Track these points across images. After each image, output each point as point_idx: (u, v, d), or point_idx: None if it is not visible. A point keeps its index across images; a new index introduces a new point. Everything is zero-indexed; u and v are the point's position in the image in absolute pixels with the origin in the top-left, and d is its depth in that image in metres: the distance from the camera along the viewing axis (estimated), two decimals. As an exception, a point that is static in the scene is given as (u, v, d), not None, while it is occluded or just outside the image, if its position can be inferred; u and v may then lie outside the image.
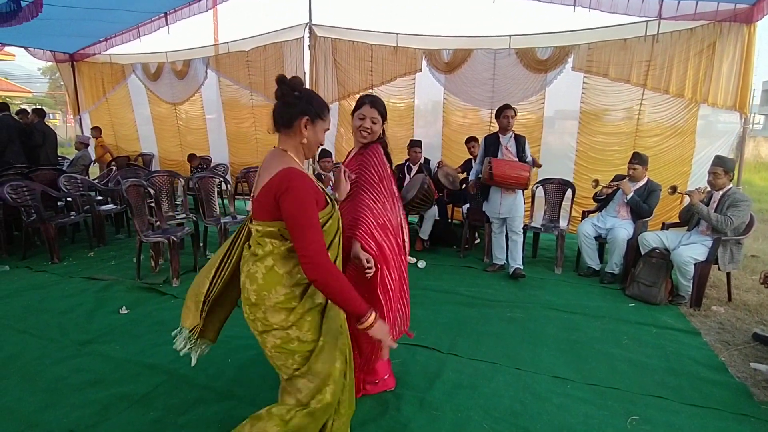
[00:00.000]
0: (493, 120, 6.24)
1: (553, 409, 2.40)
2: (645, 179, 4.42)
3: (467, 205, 5.38)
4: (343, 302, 1.50)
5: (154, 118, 8.67)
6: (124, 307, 3.57)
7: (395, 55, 6.37)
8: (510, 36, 5.81)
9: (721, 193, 3.90)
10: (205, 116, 8.15)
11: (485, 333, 3.28)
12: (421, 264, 4.69)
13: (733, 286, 4.08)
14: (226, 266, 1.74)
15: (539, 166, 4.83)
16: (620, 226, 4.33)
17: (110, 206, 5.77)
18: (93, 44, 8.28)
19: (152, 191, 4.52)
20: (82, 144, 7.79)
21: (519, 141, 4.39)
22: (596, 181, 4.55)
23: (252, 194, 1.58)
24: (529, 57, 5.72)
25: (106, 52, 8.40)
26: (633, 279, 4.05)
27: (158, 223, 4.57)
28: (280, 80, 1.55)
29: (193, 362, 1.84)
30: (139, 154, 8.82)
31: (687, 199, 4.10)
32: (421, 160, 5.62)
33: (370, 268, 2.01)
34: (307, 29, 6.63)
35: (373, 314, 1.53)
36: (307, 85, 6.87)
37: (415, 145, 5.55)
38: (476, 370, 2.78)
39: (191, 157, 7.63)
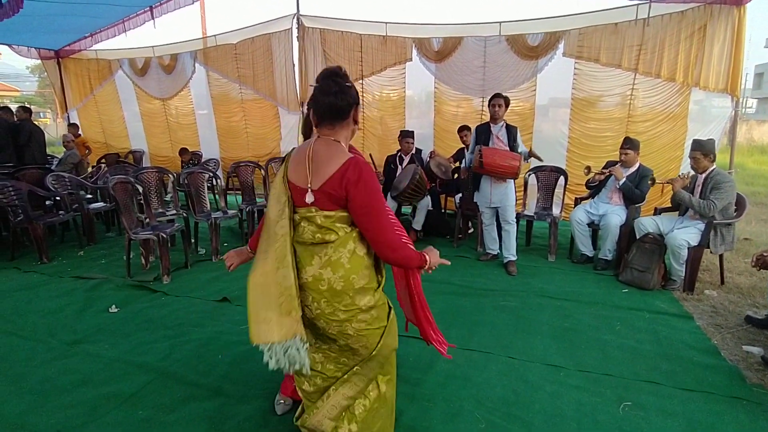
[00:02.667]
0: (485, 108, 6.22)
1: (546, 397, 2.39)
2: (637, 164, 4.39)
3: (460, 195, 5.35)
4: (414, 265, 1.70)
5: (143, 115, 8.56)
6: (113, 306, 3.53)
7: (384, 44, 6.30)
8: (500, 23, 5.74)
9: (704, 175, 3.88)
10: (196, 112, 8.07)
11: (478, 322, 3.27)
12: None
13: (726, 269, 4.08)
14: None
15: (540, 159, 4.53)
16: (613, 212, 4.32)
17: (100, 204, 5.70)
18: (78, 40, 8.16)
19: (140, 188, 4.46)
20: (70, 142, 7.68)
21: (510, 131, 4.35)
22: (588, 168, 4.53)
23: (307, 186, 1.57)
24: (519, 44, 5.66)
25: (91, 48, 8.29)
26: (626, 265, 4.04)
27: (147, 220, 4.52)
28: (334, 73, 1.57)
29: (307, 369, 1.60)
30: (129, 151, 8.72)
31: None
32: (413, 151, 5.58)
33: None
34: (295, 20, 6.54)
35: (425, 255, 1.74)
36: (297, 77, 6.89)
37: (406, 135, 5.50)
38: (469, 360, 2.76)
39: (182, 152, 7.56)
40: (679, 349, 2.90)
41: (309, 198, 1.57)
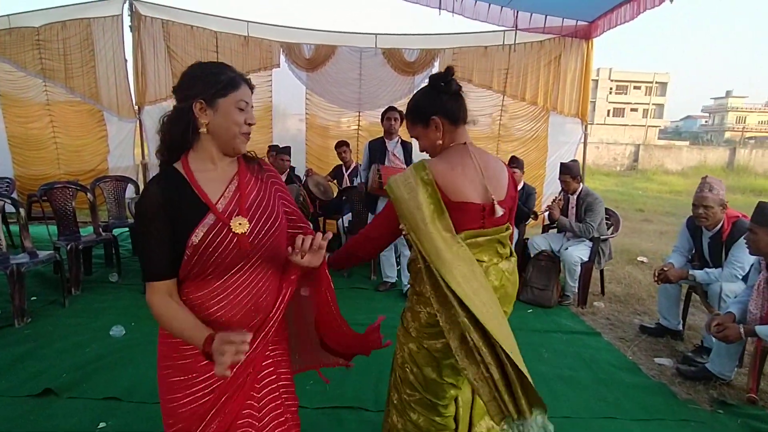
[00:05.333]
0: (361, 123, 5.86)
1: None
2: (522, 183, 4.49)
3: (347, 216, 4.82)
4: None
5: None
6: None
7: (246, 46, 5.47)
8: (376, 35, 5.47)
9: (575, 196, 4.13)
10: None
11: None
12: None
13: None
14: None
15: None
16: (507, 231, 4.30)
17: None
18: None
19: None
20: None
21: (406, 147, 4.03)
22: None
23: (491, 200, 1.43)
24: (396, 58, 5.46)
25: None
26: (525, 284, 4.02)
27: None
28: (451, 72, 1.47)
29: None
30: None
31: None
32: (287, 170, 4.87)
33: None
34: (126, 5, 5.24)
35: None
36: (131, 77, 5.53)
37: (282, 152, 4.77)
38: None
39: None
40: (608, 371, 2.86)
41: (499, 211, 1.41)
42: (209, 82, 1.10)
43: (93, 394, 2.37)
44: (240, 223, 1.12)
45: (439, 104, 1.44)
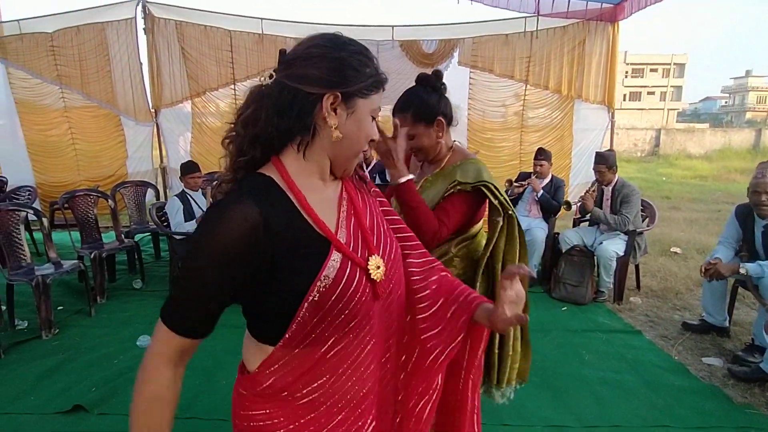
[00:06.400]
0: (380, 117, 5.73)
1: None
2: (550, 175, 4.33)
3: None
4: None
5: None
6: None
7: (261, 44, 5.37)
8: (392, 26, 5.32)
9: (611, 187, 3.95)
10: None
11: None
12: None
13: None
14: None
15: None
16: (536, 226, 4.15)
17: None
18: None
19: None
20: None
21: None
22: (509, 182, 4.31)
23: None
24: (414, 50, 5.30)
25: None
26: (558, 280, 3.88)
27: None
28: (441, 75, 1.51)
29: None
30: None
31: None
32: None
33: None
34: (140, 7, 5.18)
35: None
36: (146, 79, 5.48)
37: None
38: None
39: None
40: (654, 373, 2.72)
41: None
42: (353, 72, 0.78)
43: (124, 409, 2.27)
44: (378, 266, 0.81)
45: (442, 105, 1.46)
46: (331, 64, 0.76)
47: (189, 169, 3.96)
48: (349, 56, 0.78)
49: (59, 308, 3.60)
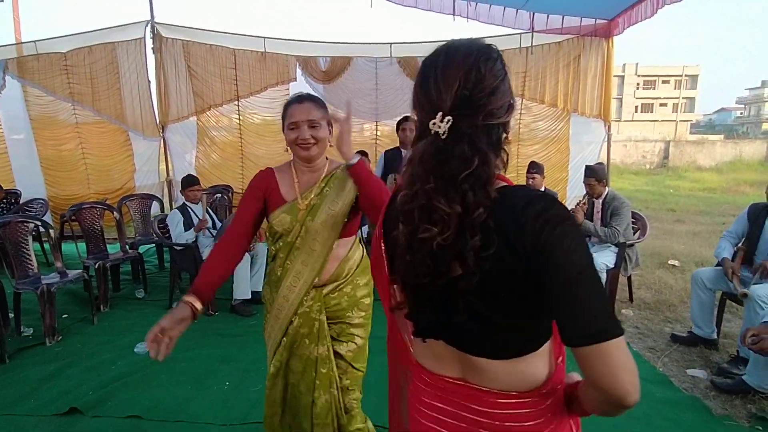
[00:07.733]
0: (380, 132, 5.86)
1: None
2: (543, 188, 4.39)
3: (365, 227, 4.81)
4: None
5: None
6: None
7: (263, 61, 5.55)
8: (391, 44, 5.47)
9: (601, 200, 3.99)
10: (7, 137, 6.18)
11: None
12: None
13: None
14: None
15: None
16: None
17: None
18: None
19: None
20: None
21: (422, 156, 4.00)
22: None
23: None
24: (412, 66, 5.44)
25: None
26: (549, 292, 3.92)
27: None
28: None
29: None
30: None
31: None
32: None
33: None
34: (149, 28, 5.41)
35: None
36: (154, 96, 5.70)
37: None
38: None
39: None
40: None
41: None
42: None
43: (116, 412, 2.42)
44: None
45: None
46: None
47: (189, 182, 4.11)
48: None
49: (64, 316, 3.75)
